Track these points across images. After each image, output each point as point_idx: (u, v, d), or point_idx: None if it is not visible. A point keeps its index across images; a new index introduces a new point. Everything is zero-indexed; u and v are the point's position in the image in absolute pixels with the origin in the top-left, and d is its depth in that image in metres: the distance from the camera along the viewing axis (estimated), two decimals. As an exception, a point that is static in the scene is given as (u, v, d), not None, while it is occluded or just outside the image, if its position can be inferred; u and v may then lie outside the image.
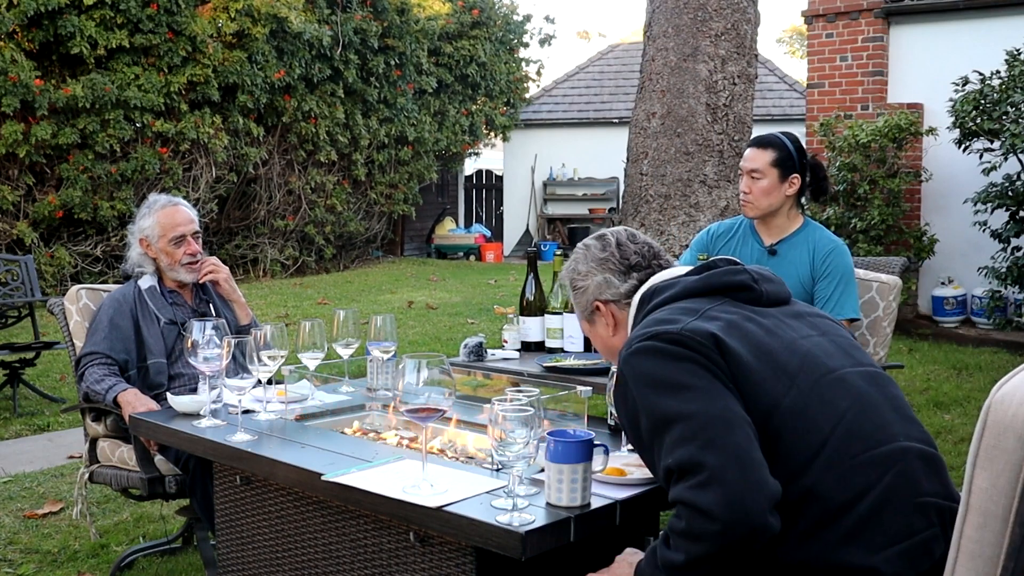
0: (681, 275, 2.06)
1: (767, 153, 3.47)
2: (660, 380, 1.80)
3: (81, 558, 3.79)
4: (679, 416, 1.74)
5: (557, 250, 3.48)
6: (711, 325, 1.85)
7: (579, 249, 2.21)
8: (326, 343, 2.90)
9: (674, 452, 1.73)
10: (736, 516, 1.64)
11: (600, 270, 2.15)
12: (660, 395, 1.79)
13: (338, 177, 14.31)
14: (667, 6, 5.89)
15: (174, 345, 3.46)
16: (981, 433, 1.55)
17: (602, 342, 2.22)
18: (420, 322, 9.61)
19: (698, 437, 1.71)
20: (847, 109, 8.95)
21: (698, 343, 1.80)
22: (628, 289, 2.13)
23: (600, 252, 2.16)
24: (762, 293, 1.99)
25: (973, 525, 1.54)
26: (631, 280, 2.13)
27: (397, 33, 14.24)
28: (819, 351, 1.90)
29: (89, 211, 10.80)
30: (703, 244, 3.66)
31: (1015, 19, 8.23)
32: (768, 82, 16.45)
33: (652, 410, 1.80)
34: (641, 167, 5.91)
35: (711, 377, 1.78)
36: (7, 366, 6.31)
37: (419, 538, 2.10)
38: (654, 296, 2.04)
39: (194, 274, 3.54)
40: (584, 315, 2.21)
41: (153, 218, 3.52)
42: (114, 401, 3.22)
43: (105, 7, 10.53)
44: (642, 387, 1.82)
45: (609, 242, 2.16)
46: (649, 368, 1.82)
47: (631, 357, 1.86)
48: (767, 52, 42.66)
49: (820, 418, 1.79)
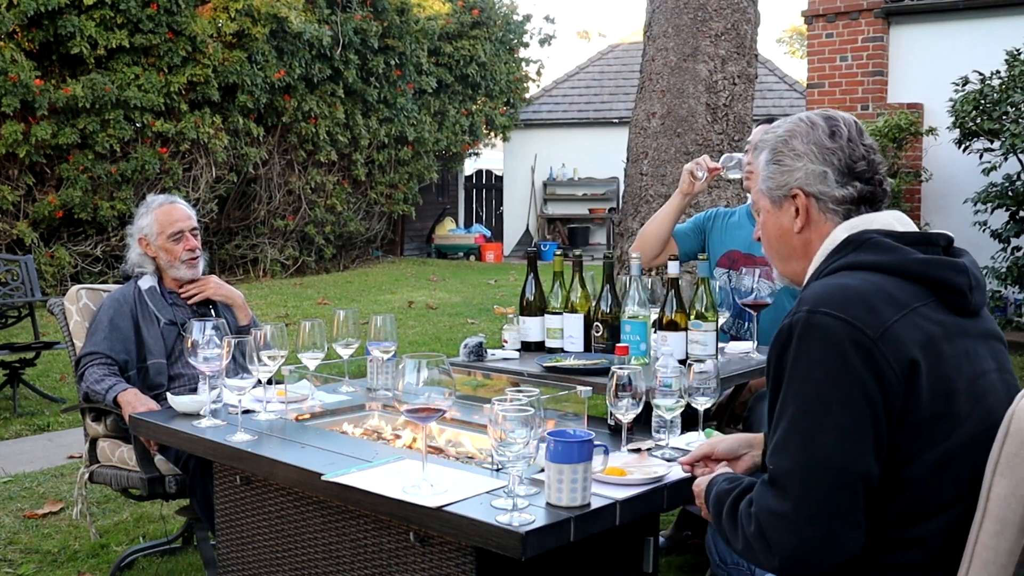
0: (901, 233, 1.76)
1: None
2: (817, 380, 1.60)
3: (81, 558, 3.79)
4: (806, 434, 1.60)
5: (557, 250, 3.48)
6: (913, 344, 1.61)
7: (800, 121, 1.84)
8: (326, 343, 2.90)
9: (779, 456, 1.63)
10: (797, 566, 1.59)
11: (821, 159, 1.80)
12: (806, 393, 1.61)
13: (338, 177, 14.31)
14: (667, 6, 5.88)
15: (174, 345, 3.46)
16: (1003, 440, 1.53)
17: (776, 234, 1.89)
18: (420, 322, 9.61)
19: (806, 471, 1.59)
20: (847, 109, 8.94)
21: (885, 371, 1.58)
22: (842, 197, 1.80)
23: (828, 139, 1.80)
24: (970, 304, 1.73)
25: (989, 532, 1.52)
26: (849, 189, 1.79)
27: (397, 33, 14.24)
28: (991, 396, 1.69)
29: (89, 211, 10.81)
30: (700, 220, 3.74)
31: (1015, 19, 8.23)
32: (768, 82, 16.45)
33: (791, 395, 1.63)
34: (641, 167, 5.91)
35: (868, 416, 1.58)
36: (7, 366, 6.31)
37: (419, 538, 2.10)
38: (864, 246, 1.74)
39: (194, 270, 3.55)
40: (770, 194, 1.86)
41: (151, 216, 3.53)
42: (114, 401, 3.22)
43: (105, 7, 10.53)
44: (801, 363, 1.62)
45: (841, 132, 1.80)
46: (820, 357, 1.60)
47: (814, 322, 1.62)
48: (767, 52, 42.66)
49: (961, 478, 1.63)
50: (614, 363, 2.55)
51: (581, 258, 3.31)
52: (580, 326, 3.13)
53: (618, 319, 2.99)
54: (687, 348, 2.89)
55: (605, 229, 17.35)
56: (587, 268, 3.24)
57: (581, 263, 3.22)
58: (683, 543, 3.67)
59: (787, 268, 1.91)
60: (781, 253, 1.90)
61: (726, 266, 3.56)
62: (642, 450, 2.36)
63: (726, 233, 3.64)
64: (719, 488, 1.82)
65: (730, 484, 1.80)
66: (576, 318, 3.14)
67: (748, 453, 2.11)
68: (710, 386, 2.40)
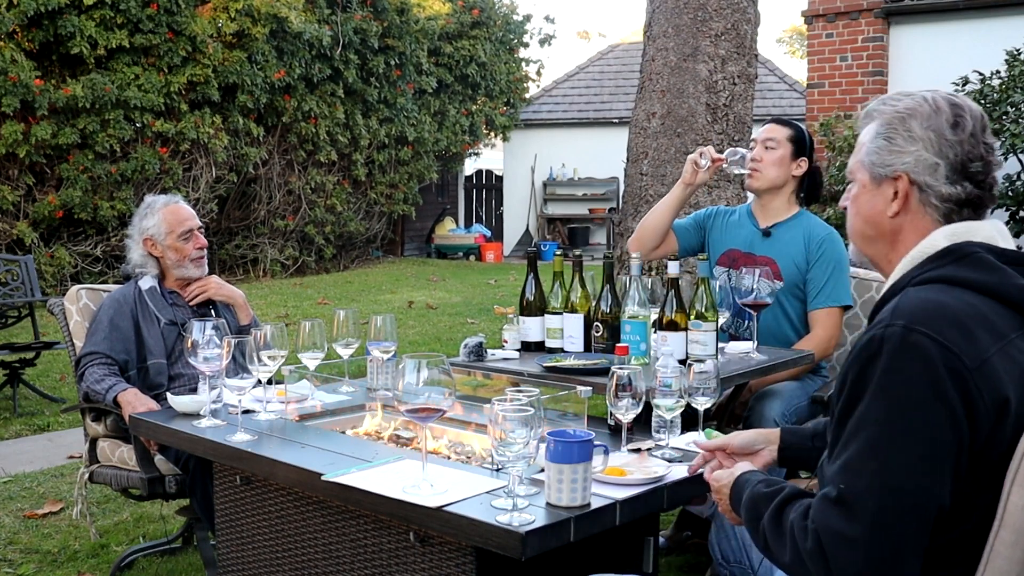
0: (1002, 250, 1.66)
1: (786, 129, 3.58)
2: (905, 402, 1.51)
3: (81, 558, 3.79)
4: (886, 458, 1.51)
5: (557, 250, 3.48)
6: (1008, 380, 1.53)
7: (924, 101, 1.70)
8: (326, 343, 2.90)
9: (851, 476, 1.53)
10: None
11: (936, 150, 1.67)
12: (891, 414, 1.52)
13: (338, 177, 14.31)
14: (667, 6, 5.88)
15: (174, 345, 3.46)
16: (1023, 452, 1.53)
17: (868, 212, 1.76)
18: (420, 322, 9.61)
19: (883, 496, 1.50)
20: (847, 109, 8.95)
21: (978, 404, 1.50)
22: (948, 195, 1.68)
23: (950, 130, 1.66)
24: None
25: (1005, 542, 1.51)
26: (958, 188, 1.67)
27: (397, 33, 14.24)
28: None
29: (89, 211, 10.81)
30: (700, 217, 3.75)
31: (1015, 19, 8.23)
32: (768, 82, 16.45)
33: (871, 412, 1.53)
34: (641, 167, 5.90)
35: (953, 447, 1.51)
36: (7, 366, 6.31)
37: (419, 538, 2.10)
38: (965, 260, 1.63)
39: (202, 269, 3.55)
40: (871, 169, 1.74)
41: (157, 216, 3.53)
42: (114, 401, 3.22)
43: (105, 7, 10.53)
44: (889, 381, 1.52)
45: (965, 124, 1.67)
46: (911, 379, 1.51)
47: (910, 341, 1.52)
48: (767, 52, 42.67)
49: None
50: (614, 363, 2.55)
51: (581, 258, 3.31)
52: (580, 326, 3.13)
53: (618, 319, 2.99)
54: (687, 348, 2.89)
55: (605, 229, 17.36)
56: (587, 268, 3.24)
57: (581, 263, 3.23)
58: (683, 543, 3.67)
59: (868, 248, 1.80)
60: (866, 233, 1.78)
61: (726, 265, 3.57)
62: (642, 450, 2.36)
63: (726, 232, 3.64)
64: (755, 491, 1.76)
65: (769, 488, 1.74)
66: (576, 318, 3.14)
67: (766, 448, 2.10)
68: (710, 386, 2.40)
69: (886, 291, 1.70)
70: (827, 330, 3.44)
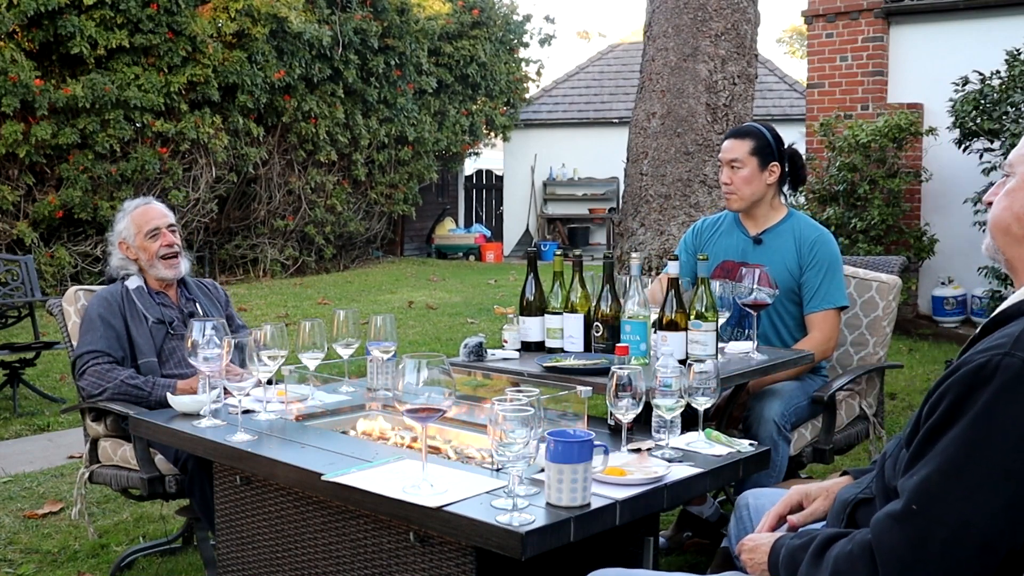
0: None
1: (745, 143, 3.51)
2: (1010, 440, 1.43)
3: (81, 558, 3.79)
4: (974, 490, 1.44)
5: (557, 250, 3.47)
6: None
7: None
8: (326, 343, 2.90)
9: (923, 495, 1.46)
10: None
11: None
12: (990, 448, 1.44)
13: (338, 177, 14.31)
14: (667, 6, 5.88)
15: (163, 345, 3.46)
16: None
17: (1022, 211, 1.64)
18: (420, 322, 9.61)
19: (953, 530, 1.44)
20: (847, 109, 8.94)
21: None
22: None
23: None
24: None
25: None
26: None
27: (397, 33, 14.24)
28: None
29: (89, 211, 10.81)
30: (689, 244, 3.72)
31: (1015, 19, 8.22)
32: (768, 82, 16.45)
33: (967, 440, 1.46)
34: (641, 167, 5.90)
35: None
36: (7, 366, 6.31)
37: (419, 538, 2.10)
38: None
39: (174, 269, 3.54)
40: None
41: (127, 219, 3.56)
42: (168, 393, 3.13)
43: (105, 7, 10.53)
44: (996, 414, 1.44)
45: None
46: (1016, 415, 1.43)
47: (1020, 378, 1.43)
48: (767, 52, 42.65)
49: None
50: (614, 363, 2.55)
51: (581, 258, 3.31)
52: (580, 326, 3.13)
53: (618, 319, 2.99)
54: (687, 348, 2.89)
55: (605, 229, 17.35)
56: (587, 268, 3.24)
57: (581, 263, 3.22)
58: (683, 543, 3.67)
59: (1010, 248, 1.67)
60: (1013, 231, 1.64)
61: (721, 277, 3.55)
62: (642, 450, 2.36)
63: (717, 243, 3.62)
64: (790, 544, 1.71)
65: (802, 539, 1.69)
66: (576, 318, 3.14)
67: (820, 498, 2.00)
68: (710, 386, 2.40)
69: (1013, 304, 1.59)
70: (825, 332, 3.44)
